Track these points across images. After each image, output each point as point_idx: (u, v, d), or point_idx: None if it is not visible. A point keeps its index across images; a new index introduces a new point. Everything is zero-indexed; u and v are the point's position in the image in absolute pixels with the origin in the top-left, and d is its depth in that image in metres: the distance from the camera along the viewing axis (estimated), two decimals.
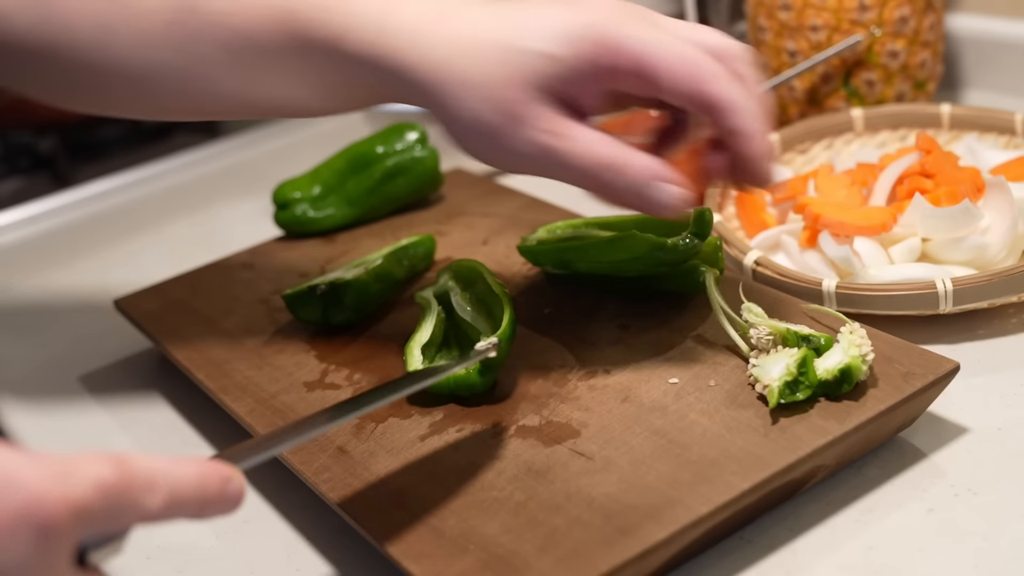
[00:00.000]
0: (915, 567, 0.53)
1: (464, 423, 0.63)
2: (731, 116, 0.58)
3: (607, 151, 0.59)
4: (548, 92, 0.58)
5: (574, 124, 0.59)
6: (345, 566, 0.60)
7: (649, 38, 0.58)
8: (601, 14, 0.58)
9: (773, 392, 0.58)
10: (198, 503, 0.44)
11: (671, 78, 0.57)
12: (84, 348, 0.88)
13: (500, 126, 0.59)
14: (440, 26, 0.59)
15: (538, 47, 0.57)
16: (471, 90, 0.58)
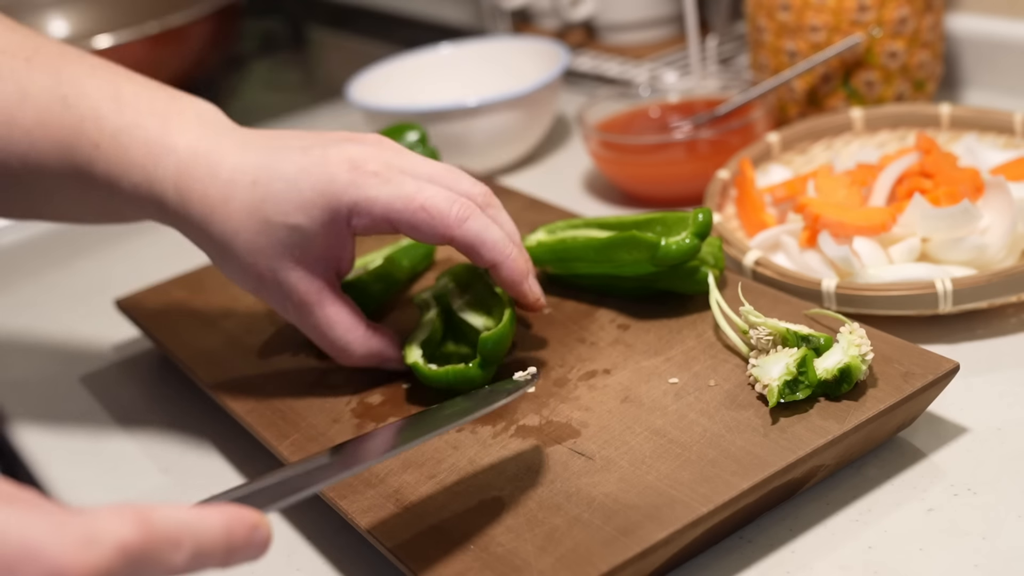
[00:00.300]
0: (915, 567, 0.53)
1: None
2: (482, 254, 0.63)
3: (342, 331, 0.66)
4: (295, 259, 0.63)
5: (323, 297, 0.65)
6: (345, 566, 0.61)
7: (386, 194, 0.61)
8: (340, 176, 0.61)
9: (773, 392, 0.58)
10: (224, 553, 0.43)
11: (415, 231, 0.62)
12: (84, 348, 0.88)
13: (257, 289, 0.65)
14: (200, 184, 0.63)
15: (284, 220, 0.62)
16: (227, 253, 0.64)
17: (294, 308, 0.65)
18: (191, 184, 0.63)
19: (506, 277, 0.64)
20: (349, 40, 1.67)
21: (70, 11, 1.48)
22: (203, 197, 0.63)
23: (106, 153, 0.64)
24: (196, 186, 0.63)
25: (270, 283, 0.64)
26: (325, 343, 0.66)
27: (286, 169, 0.62)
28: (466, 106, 1.00)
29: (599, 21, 1.24)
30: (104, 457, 0.75)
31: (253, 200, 0.62)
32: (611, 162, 0.95)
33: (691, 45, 1.07)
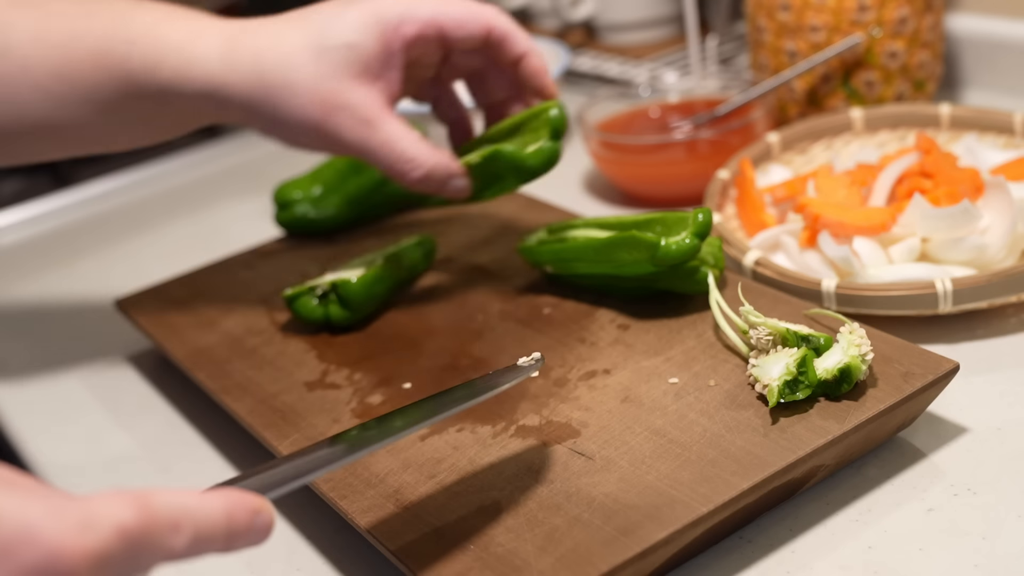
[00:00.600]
0: (915, 567, 0.53)
1: (464, 423, 0.63)
2: (516, 41, 0.71)
3: (410, 142, 0.69)
4: (356, 77, 0.67)
5: (385, 113, 0.68)
6: (345, 566, 0.61)
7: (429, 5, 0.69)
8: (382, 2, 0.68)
9: (773, 392, 0.58)
10: (225, 538, 0.42)
11: (460, 26, 0.70)
12: (84, 348, 0.88)
13: (321, 118, 0.67)
14: (245, 43, 0.67)
15: (342, 40, 0.67)
16: (289, 91, 0.67)
17: (361, 126, 0.67)
18: (236, 45, 0.67)
19: (535, 65, 0.72)
20: None
21: None
22: (253, 50, 0.67)
23: (141, 47, 0.67)
24: (242, 44, 0.67)
25: (336, 106, 0.67)
26: (393, 157, 0.68)
27: (327, 9, 0.68)
28: (466, 106, 1.00)
29: (599, 21, 1.24)
30: (104, 457, 0.75)
31: (305, 34, 0.67)
32: (611, 162, 0.95)
33: (691, 45, 1.07)
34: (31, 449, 0.77)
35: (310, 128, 0.67)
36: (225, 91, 0.67)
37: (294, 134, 0.69)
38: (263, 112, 0.68)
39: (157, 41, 0.67)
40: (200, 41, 0.67)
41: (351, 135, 0.67)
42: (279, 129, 0.69)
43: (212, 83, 0.67)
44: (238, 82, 0.67)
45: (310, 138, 0.69)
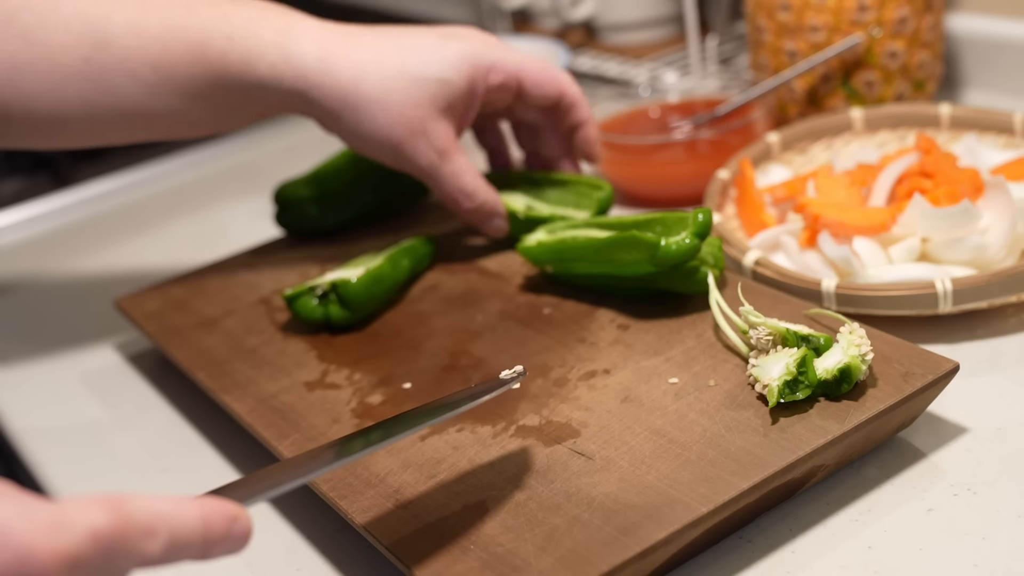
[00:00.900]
0: (914, 567, 0.53)
1: (464, 423, 0.63)
2: (581, 108, 0.80)
3: (471, 178, 0.77)
4: (442, 111, 0.74)
5: (456, 147, 0.76)
6: (345, 566, 0.61)
7: (516, 58, 0.76)
8: (476, 44, 0.76)
9: (773, 392, 0.58)
10: (202, 545, 0.42)
11: (540, 87, 0.77)
12: (84, 348, 0.88)
13: (401, 139, 0.73)
14: (344, 51, 0.72)
15: (435, 74, 0.73)
16: (380, 106, 0.72)
17: (437, 154, 0.74)
18: (336, 51, 0.72)
19: (590, 135, 0.81)
20: None
21: None
22: (353, 60, 0.72)
23: (240, 43, 0.71)
24: (342, 52, 0.72)
25: (418, 132, 0.73)
26: (455, 187, 0.76)
27: (427, 39, 0.75)
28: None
29: (599, 21, 1.24)
30: (104, 457, 0.75)
31: (404, 59, 0.73)
32: (611, 162, 0.95)
33: (691, 45, 1.07)
34: (31, 449, 0.77)
35: (389, 146, 0.74)
36: (317, 92, 0.72)
37: (371, 146, 0.75)
38: (348, 120, 0.73)
39: (256, 38, 0.71)
40: (299, 41, 0.72)
41: (424, 160, 0.74)
42: (358, 138, 0.74)
43: (306, 83, 0.72)
44: (332, 87, 0.72)
45: (385, 154, 0.75)
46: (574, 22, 1.25)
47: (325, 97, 0.72)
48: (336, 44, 0.73)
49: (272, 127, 1.29)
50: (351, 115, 0.73)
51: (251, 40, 0.71)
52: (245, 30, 0.71)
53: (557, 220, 0.79)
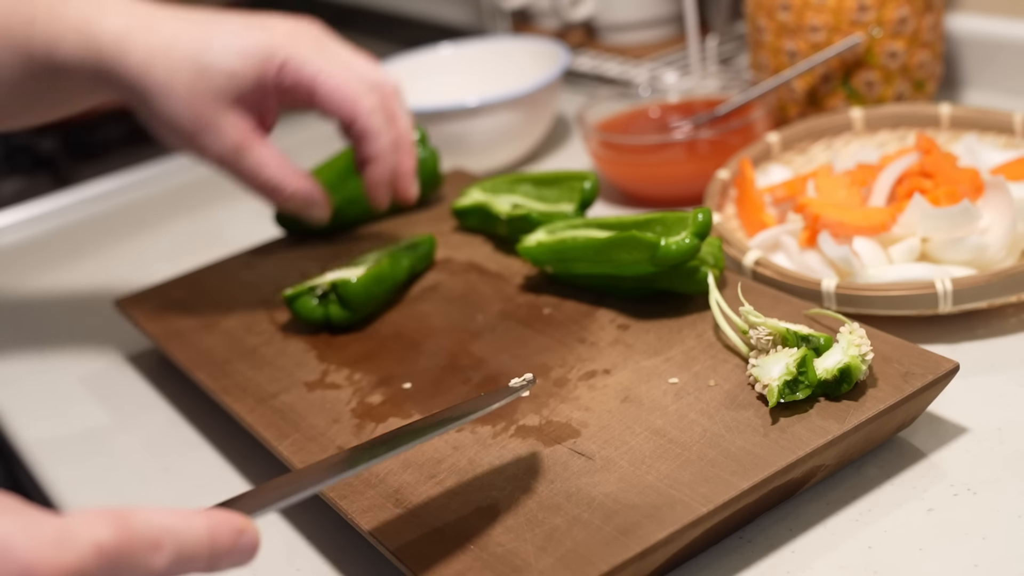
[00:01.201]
0: (915, 567, 0.53)
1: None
2: (372, 142, 0.72)
3: (274, 169, 0.72)
4: (232, 103, 0.69)
5: (255, 138, 0.71)
6: (345, 566, 0.61)
7: (318, 63, 0.70)
8: (278, 37, 0.70)
9: (773, 392, 0.58)
10: (208, 558, 0.42)
11: (330, 101, 0.71)
12: (84, 348, 0.88)
13: (192, 131, 0.70)
14: (141, 34, 0.69)
15: (223, 66, 0.69)
16: (167, 97, 0.69)
17: (230, 149, 0.70)
18: (132, 36, 0.68)
19: (376, 174, 0.73)
20: (349, 40, 1.67)
21: None
22: (145, 47, 0.68)
23: (42, 25, 0.68)
24: (138, 37, 0.68)
25: (206, 125, 0.69)
26: (260, 181, 0.71)
27: (229, 26, 0.70)
28: (466, 106, 1.00)
29: (599, 21, 1.24)
30: (104, 457, 0.75)
31: (195, 48, 0.68)
32: (611, 162, 0.95)
33: (691, 45, 1.07)
34: (31, 449, 0.77)
35: (181, 137, 0.70)
36: (113, 76, 0.69)
37: (165, 135, 0.71)
38: (141, 107, 0.70)
39: (59, 20, 0.69)
40: (100, 21, 0.69)
41: (217, 154, 0.70)
42: (153, 126, 0.71)
43: (102, 65, 0.68)
44: (125, 72, 0.68)
45: (181, 143, 0.71)
46: (574, 22, 1.25)
47: (120, 82, 0.69)
48: (136, 25, 0.69)
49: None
50: (142, 102, 0.70)
51: (54, 22, 0.69)
52: (48, 12, 0.69)
53: (539, 217, 0.78)
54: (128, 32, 0.69)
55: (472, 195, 0.85)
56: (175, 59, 0.68)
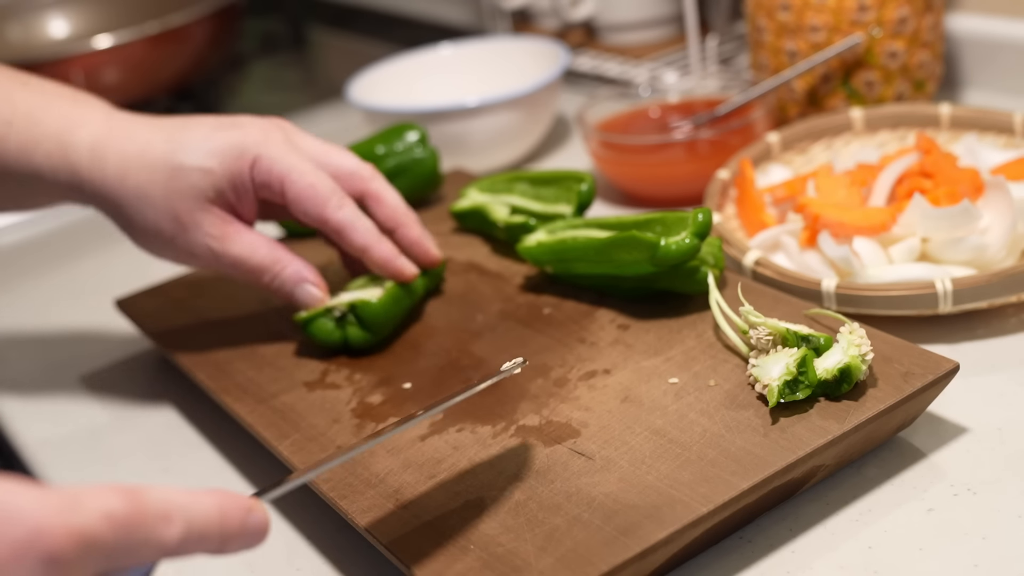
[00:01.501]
0: (915, 567, 0.53)
1: (464, 423, 0.63)
2: (350, 237, 0.71)
3: (262, 255, 0.71)
4: (209, 200, 0.69)
5: (236, 228, 0.70)
6: (345, 566, 0.61)
7: (288, 160, 0.70)
8: (251, 135, 0.70)
9: (773, 392, 0.58)
10: (219, 536, 0.43)
11: (299, 204, 0.70)
12: (84, 348, 0.88)
13: (173, 232, 0.70)
14: (116, 144, 0.69)
15: (197, 163, 0.69)
16: (145, 202, 0.69)
17: (216, 241, 0.69)
18: (107, 144, 0.69)
19: (376, 258, 0.72)
20: (349, 40, 1.67)
21: (70, 11, 1.48)
22: (120, 154, 0.69)
23: (19, 128, 0.69)
24: (112, 145, 0.69)
25: (188, 224, 0.69)
26: (251, 267, 0.70)
27: (199, 128, 0.70)
28: (466, 106, 1.00)
29: (599, 21, 1.24)
30: (104, 457, 0.75)
31: (168, 151, 0.69)
32: (611, 162, 0.95)
33: (691, 45, 1.07)
34: (31, 449, 0.77)
35: (163, 241, 0.70)
36: (89, 187, 0.69)
37: (147, 242, 0.71)
38: (120, 216, 0.70)
39: (36, 126, 0.69)
40: (77, 131, 0.69)
41: (203, 250, 0.70)
42: (133, 235, 0.71)
43: (78, 177, 0.69)
44: (102, 181, 0.69)
45: (163, 250, 0.71)
46: (574, 22, 1.25)
47: (96, 192, 0.70)
48: (111, 135, 0.70)
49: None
50: (121, 211, 0.70)
51: (31, 127, 0.69)
52: (27, 116, 0.70)
53: (537, 224, 0.78)
54: (104, 141, 0.69)
55: (470, 197, 0.85)
56: (149, 163, 0.69)
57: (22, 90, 0.71)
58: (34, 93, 0.71)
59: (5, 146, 0.69)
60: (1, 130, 0.69)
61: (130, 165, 0.69)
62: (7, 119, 0.69)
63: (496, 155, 1.05)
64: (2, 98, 0.70)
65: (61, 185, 0.70)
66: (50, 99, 0.71)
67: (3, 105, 0.70)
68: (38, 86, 0.72)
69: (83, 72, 1.20)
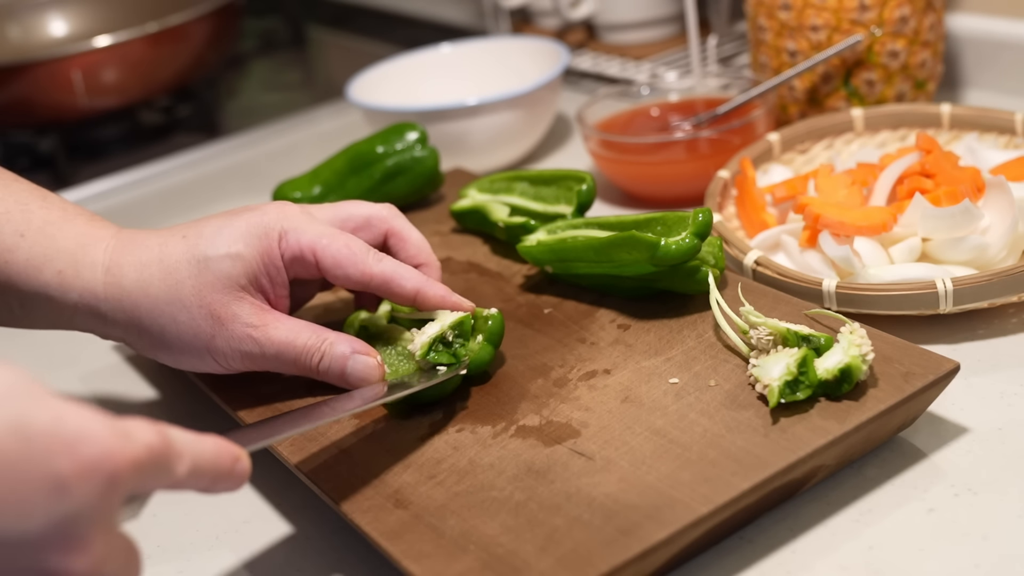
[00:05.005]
0: (915, 567, 0.53)
1: (464, 423, 0.63)
2: (399, 285, 0.66)
3: (307, 336, 0.65)
4: (243, 288, 0.65)
5: (275, 315, 0.65)
6: (345, 566, 0.61)
7: (313, 230, 0.66)
8: (268, 214, 0.66)
9: (773, 392, 0.58)
10: (212, 477, 0.48)
11: (337, 266, 0.66)
12: (84, 348, 0.88)
13: (212, 331, 0.64)
14: (130, 258, 0.65)
15: (224, 251, 0.64)
16: (175, 307, 0.64)
17: (257, 331, 0.64)
18: (122, 259, 0.65)
19: (432, 299, 0.66)
20: (349, 40, 1.67)
21: (70, 11, 1.48)
22: (136, 265, 0.65)
23: (32, 241, 0.64)
24: (127, 259, 0.65)
25: (225, 317, 0.64)
26: (297, 350, 0.65)
27: (212, 221, 0.66)
28: (466, 106, 1.00)
29: (599, 21, 1.24)
30: None
31: (188, 248, 0.65)
32: (611, 162, 0.95)
33: (691, 45, 1.06)
34: None
35: (202, 345, 0.65)
36: (107, 305, 0.65)
37: (183, 353, 0.66)
38: (147, 332, 0.65)
39: (49, 240, 0.65)
40: (91, 251, 0.65)
41: (248, 344, 0.64)
42: (166, 349, 0.66)
43: (94, 296, 0.64)
44: (121, 298, 0.64)
45: (202, 358, 0.66)
46: (574, 22, 1.25)
47: (116, 311, 0.64)
48: (123, 249, 0.65)
49: (272, 126, 1.29)
50: (148, 326, 0.65)
51: (43, 242, 0.64)
52: (41, 231, 0.65)
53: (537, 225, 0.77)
54: (118, 257, 0.65)
55: (470, 197, 0.85)
56: (170, 266, 0.64)
57: (40, 203, 0.66)
58: (52, 208, 0.66)
59: (13, 258, 0.64)
60: (12, 241, 0.64)
61: (151, 272, 0.64)
62: (20, 231, 0.64)
63: (496, 155, 1.05)
64: (19, 209, 0.65)
65: (73, 308, 0.65)
66: (68, 215, 0.66)
67: (19, 216, 0.65)
68: (57, 202, 0.67)
69: (82, 72, 1.20)
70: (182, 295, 0.64)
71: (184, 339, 0.65)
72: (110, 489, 0.42)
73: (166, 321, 0.64)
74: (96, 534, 0.42)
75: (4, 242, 0.64)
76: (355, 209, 0.70)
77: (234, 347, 0.65)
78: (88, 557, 0.42)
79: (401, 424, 0.63)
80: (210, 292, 0.64)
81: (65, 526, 0.41)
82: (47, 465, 0.40)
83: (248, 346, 0.65)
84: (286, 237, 0.65)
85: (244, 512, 0.66)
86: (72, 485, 0.40)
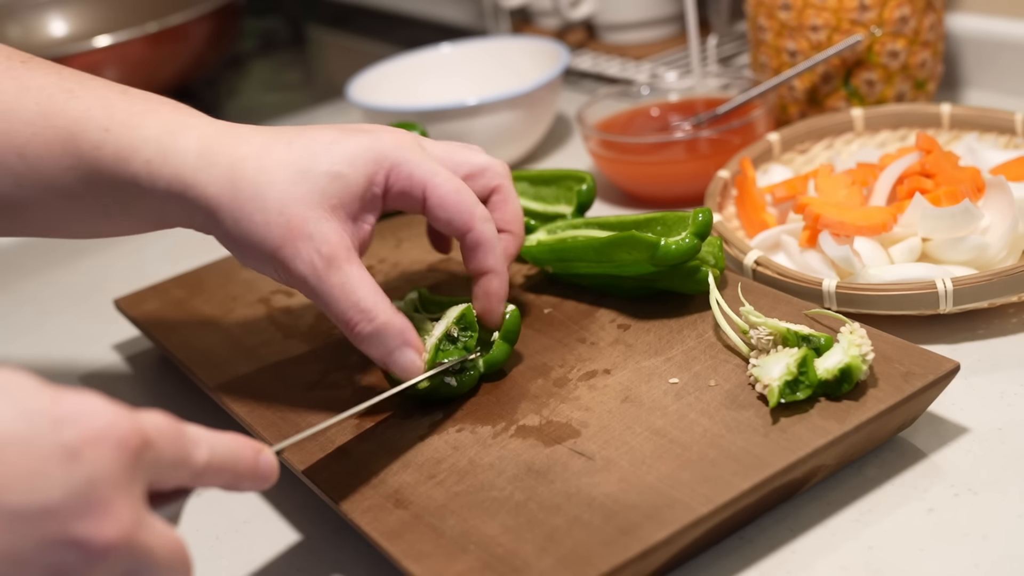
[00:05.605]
0: (915, 567, 0.53)
1: (464, 423, 0.63)
2: (486, 254, 0.64)
3: (363, 294, 0.60)
4: (333, 212, 0.61)
5: (349, 255, 0.61)
6: (345, 566, 0.61)
7: (427, 166, 0.63)
8: (384, 140, 0.62)
9: (773, 392, 0.58)
10: (233, 472, 0.49)
11: (443, 210, 0.63)
12: (84, 348, 0.88)
13: (280, 242, 0.60)
14: (227, 148, 0.61)
15: (327, 168, 0.61)
16: (255, 204, 0.60)
17: (322, 260, 0.60)
18: (217, 147, 0.62)
19: (494, 287, 0.65)
20: (349, 40, 1.67)
21: (70, 11, 1.48)
22: (231, 157, 0.61)
23: (116, 134, 0.62)
24: (223, 149, 0.62)
25: (300, 234, 0.60)
26: (346, 304, 0.60)
27: (325, 133, 0.63)
28: (466, 106, 1.00)
29: (599, 21, 1.24)
30: None
31: (290, 155, 0.61)
32: (611, 162, 0.95)
33: (691, 45, 1.06)
34: None
35: (267, 251, 0.61)
36: (193, 192, 0.61)
37: (248, 252, 0.62)
38: (223, 221, 0.62)
39: (134, 130, 0.62)
40: (179, 136, 0.62)
41: (305, 267, 0.60)
42: (234, 243, 0.63)
43: (182, 182, 0.61)
44: (208, 184, 0.61)
45: (264, 262, 0.62)
46: (574, 22, 1.25)
47: (200, 196, 0.61)
48: (221, 139, 0.62)
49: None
50: (226, 215, 0.61)
51: (129, 132, 0.62)
52: (125, 123, 0.62)
53: (536, 226, 0.78)
54: (212, 145, 0.62)
55: None
56: (266, 166, 0.61)
57: (121, 97, 0.64)
58: (134, 100, 0.64)
59: (101, 153, 0.62)
60: (98, 136, 0.62)
61: (245, 167, 0.61)
62: (104, 125, 0.62)
63: (496, 155, 1.04)
64: (100, 104, 0.63)
65: (161, 195, 0.62)
66: (152, 105, 0.64)
67: (99, 111, 0.62)
68: (138, 94, 0.64)
69: None
70: (268, 196, 0.60)
71: (251, 238, 0.61)
72: (122, 455, 0.43)
73: (244, 216, 0.61)
74: (119, 500, 0.42)
75: (91, 139, 0.62)
76: (472, 157, 0.67)
77: (293, 267, 0.61)
78: (114, 522, 0.42)
79: (401, 424, 0.63)
80: (295, 204, 0.60)
81: (84, 492, 0.41)
82: (54, 436, 0.41)
83: (307, 272, 0.60)
84: (398, 169, 0.62)
85: (244, 512, 0.66)
86: (82, 451, 0.42)
